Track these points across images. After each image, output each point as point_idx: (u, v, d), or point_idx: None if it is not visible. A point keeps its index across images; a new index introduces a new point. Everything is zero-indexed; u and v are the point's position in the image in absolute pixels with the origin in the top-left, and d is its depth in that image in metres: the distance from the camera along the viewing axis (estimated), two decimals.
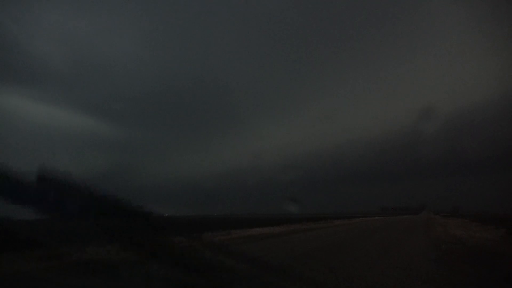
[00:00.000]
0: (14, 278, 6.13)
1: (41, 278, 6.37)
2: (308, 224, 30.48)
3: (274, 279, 5.25)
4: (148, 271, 5.39)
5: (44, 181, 2.29)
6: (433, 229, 22.69)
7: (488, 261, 8.61)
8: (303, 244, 13.09)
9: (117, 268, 6.78)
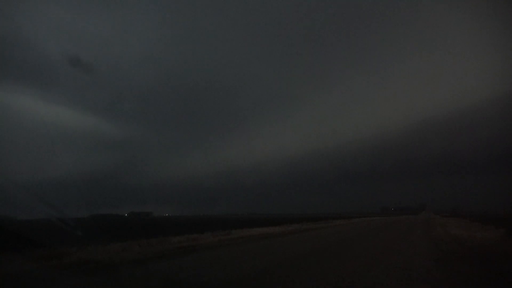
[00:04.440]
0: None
1: (41, 278, 6.36)
2: (308, 224, 30.48)
3: None
4: None
5: None
6: (433, 229, 22.69)
7: (488, 261, 8.61)
8: (282, 250, 11.03)
9: None
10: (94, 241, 10.12)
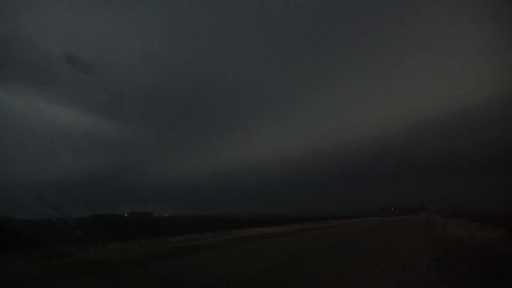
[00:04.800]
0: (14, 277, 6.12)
1: (41, 278, 6.36)
2: (308, 224, 30.48)
3: None
4: None
5: None
6: (433, 229, 22.69)
7: (488, 261, 8.61)
8: (282, 250, 11.07)
9: None
10: (94, 241, 10.11)
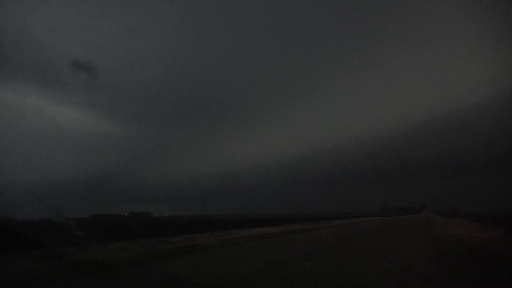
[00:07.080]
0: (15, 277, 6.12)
1: (41, 278, 6.36)
2: (308, 224, 30.48)
3: None
4: None
5: None
6: (433, 229, 22.69)
7: (488, 261, 8.61)
8: (283, 250, 11.39)
9: None
10: (94, 241, 10.11)
